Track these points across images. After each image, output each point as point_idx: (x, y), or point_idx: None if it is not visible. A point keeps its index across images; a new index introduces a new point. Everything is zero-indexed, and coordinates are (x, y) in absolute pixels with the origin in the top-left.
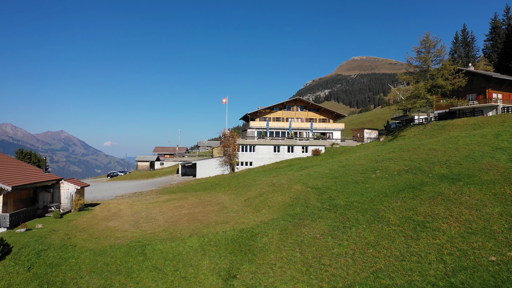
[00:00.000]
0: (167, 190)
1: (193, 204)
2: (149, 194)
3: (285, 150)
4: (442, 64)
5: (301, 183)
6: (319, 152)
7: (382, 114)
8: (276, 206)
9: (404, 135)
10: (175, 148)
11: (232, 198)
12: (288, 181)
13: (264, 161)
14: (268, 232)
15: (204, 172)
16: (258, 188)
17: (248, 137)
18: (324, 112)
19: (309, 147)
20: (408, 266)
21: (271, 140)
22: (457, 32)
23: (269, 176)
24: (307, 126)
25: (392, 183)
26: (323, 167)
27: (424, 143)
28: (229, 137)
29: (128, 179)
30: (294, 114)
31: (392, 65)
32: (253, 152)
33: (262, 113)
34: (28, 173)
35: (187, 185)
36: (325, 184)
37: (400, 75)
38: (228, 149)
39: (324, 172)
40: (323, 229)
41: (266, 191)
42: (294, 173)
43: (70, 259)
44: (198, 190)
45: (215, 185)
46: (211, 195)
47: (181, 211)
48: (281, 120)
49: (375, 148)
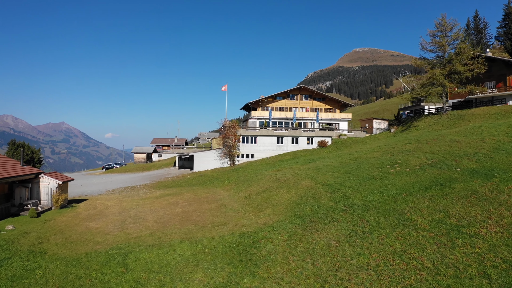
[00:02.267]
0: (162, 185)
1: (188, 201)
2: (142, 188)
3: (289, 141)
4: (459, 49)
5: (309, 178)
6: (325, 144)
7: (387, 105)
8: (281, 205)
9: (418, 125)
10: (174, 140)
11: (231, 194)
12: (294, 175)
13: (267, 153)
14: (273, 237)
15: (202, 165)
16: (260, 183)
17: (249, 128)
18: (330, 102)
19: (315, 138)
20: (445, 282)
21: (274, 130)
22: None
23: (273, 170)
24: (312, 116)
25: (416, 179)
26: (332, 160)
27: (443, 134)
28: (229, 127)
29: (123, 171)
30: (298, 103)
31: (394, 56)
32: (255, 143)
33: (264, 102)
34: (3, 166)
35: (183, 179)
36: (338, 179)
37: (414, 61)
38: (228, 140)
39: (334, 165)
40: (339, 234)
41: (270, 187)
42: (300, 166)
43: (37, 270)
44: (195, 184)
45: (214, 179)
46: (208, 190)
47: (174, 210)
48: (284, 109)
49: (387, 140)
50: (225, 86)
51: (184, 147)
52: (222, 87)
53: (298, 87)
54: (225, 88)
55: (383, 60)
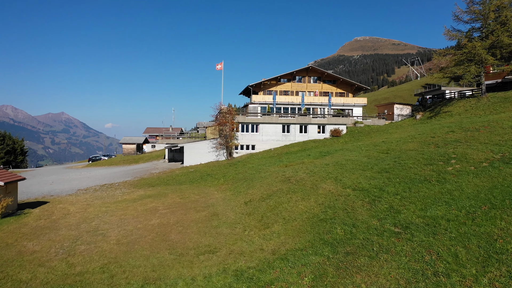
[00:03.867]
0: (144, 182)
1: (171, 206)
2: (120, 187)
3: (296, 130)
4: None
5: (332, 179)
6: (339, 133)
7: (398, 91)
8: (297, 220)
9: (450, 110)
10: (168, 129)
11: (227, 197)
12: (310, 174)
13: (270, 144)
14: (289, 281)
15: (193, 158)
16: (264, 183)
17: (250, 114)
18: (342, 85)
19: (327, 126)
20: None
21: (279, 117)
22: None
23: (279, 165)
24: (322, 101)
25: (492, 183)
26: (355, 153)
27: (493, 120)
28: (225, 113)
29: (107, 165)
30: (305, 86)
31: (396, 45)
32: (256, 132)
33: (267, 86)
34: None
35: (170, 175)
36: (374, 182)
37: (448, 32)
38: (225, 128)
39: (361, 160)
40: (396, 278)
41: (278, 191)
42: (313, 161)
43: None
44: (183, 182)
45: (206, 175)
46: (199, 191)
47: (149, 221)
48: (289, 93)
49: (416, 127)
50: (220, 64)
51: (177, 137)
52: (217, 65)
53: (306, 67)
54: (220, 66)
55: (384, 49)
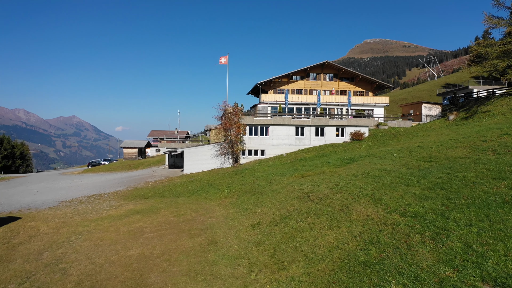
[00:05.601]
0: (137, 193)
1: (161, 226)
2: (109, 198)
3: (312, 132)
4: None
5: (368, 198)
6: (361, 136)
7: (415, 92)
8: (324, 261)
9: (490, 110)
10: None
11: (230, 215)
12: (335, 188)
13: (282, 148)
14: None
15: (194, 164)
16: (277, 199)
17: (259, 114)
18: (361, 83)
19: (347, 128)
20: None
21: (293, 118)
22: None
23: (294, 175)
24: (339, 100)
25: None
26: (385, 160)
27: None
28: (231, 114)
29: (105, 171)
30: (320, 84)
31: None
32: (266, 135)
33: (278, 84)
34: None
35: (167, 184)
36: (428, 203)
37: (489, 19)
38: (230, 131)
39: (399, 171)
40: None
41: (295, 211)
42: (335, 170)
43: None
44: (181, 194)
45: (208, 186)
46: (197, 205)
47: (129, 250)
48: (303, 92)
49: (453, 130)
50: (225, 57)
51: (182, 140)
52: (220, 58)
53: (321, 63)
54: (225, 60)
55: (395, 51)
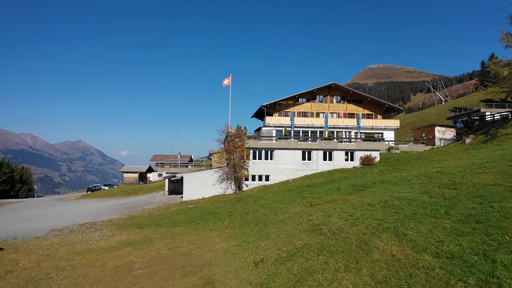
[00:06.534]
0: (132, 222)
1: (153, 262)
2: (102, 227)
3: (319, 157)
4: None
5: (390, 233)
6: (372, 161)
7: (423, 116)
8: None
9: (511, 133)
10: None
11: (231, 249)
12: (350, 220)
13: (288, 173)
14: None
15: (194, 190)
16: (283, 232)
17: (263, 138)
18: (370, 105)
19: (356, 152)
20: None
21: (299, 142)
22: None
23: (302, 204)
24: (347, 123)
25: None
26: (403, 187)
27: None
28: (234, 137)
29: (103, 196)
30: (327, 107)
31: (410, 73)
32: (271, 160)
33: (283, 106)
34: None
35: (165, 212)
36: (465, 241)
37: (504, 37)
38: (233, 155)
39: (421, 200)
40: None
41: (304, 247)
42: (347, 198)
43: None
44: (179, 223)
45: (208, 214)
46: (195, 236)
47: None
48: (309, 115)
49: (472, 154)
50: (228, 78)
51: (185, 165)
52: (223, 81)
53: (328, 85)
54: (228, 81)
55: (399, 76)
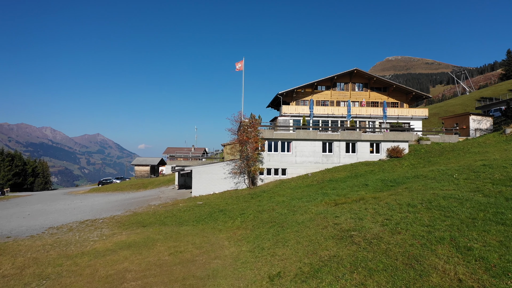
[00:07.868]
0: (135, 220)
1: (149, 271)
2: (102, 225)
3: (341, 149)
4: None
5: (447, 244)
6: (400, 153)
7: (447, 106)
8: None
9: None
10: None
11: (242, 256)
12: (389, 226)
13: (307, 167)
14: None
15: (204, 185)
16: (304, 237)
17: (279, 127)
18: (395, 93)
19: (382, 143)
20: None
21: (319, 132)
22: None
23: (324, 202)
24: (371, 112)
25: None
26: (444, 183)
27: None
28: (248, 126)
29: (112, 190)
30: (349, 95)
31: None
32: (288, 152)
33: (300, 95)
34: None
35: (171, 209)
36: None
37: None
38: (246, 146)
39: (475, 200)
40: None
41: (331, 259)
42: (378, 195)
43: None
44: (185, 222)
45: (218, 212)
46: (202, 239)
47: None
48: (328, 104)
49: None
50: (240, 62)
51: (198, 158)
52: (236, 64)
53: (350, 71)
54: (240, 65)
55: (418, 68)
